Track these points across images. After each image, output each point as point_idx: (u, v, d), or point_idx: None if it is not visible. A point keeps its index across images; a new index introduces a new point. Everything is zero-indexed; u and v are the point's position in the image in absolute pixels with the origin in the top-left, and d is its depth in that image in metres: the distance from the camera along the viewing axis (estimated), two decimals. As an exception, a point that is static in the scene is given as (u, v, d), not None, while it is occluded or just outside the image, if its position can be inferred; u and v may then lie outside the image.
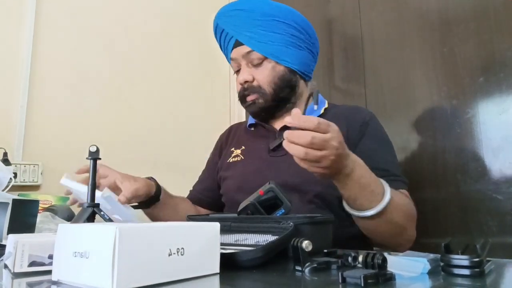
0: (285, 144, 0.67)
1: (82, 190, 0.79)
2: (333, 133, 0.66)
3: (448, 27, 1.25)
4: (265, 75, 0.99)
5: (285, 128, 0.99)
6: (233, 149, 1.09)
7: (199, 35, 1.99)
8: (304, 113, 0.97)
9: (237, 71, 1.05)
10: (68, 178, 0.83)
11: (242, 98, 1.03)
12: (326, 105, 1.05)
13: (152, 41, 1.81)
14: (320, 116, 1.01)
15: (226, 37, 1.03)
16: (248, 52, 0.99)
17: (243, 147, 1.08)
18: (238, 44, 1.00)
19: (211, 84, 2.00)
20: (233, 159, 1.07)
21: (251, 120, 1.10)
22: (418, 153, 1.27)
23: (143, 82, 1.74)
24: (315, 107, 0.90)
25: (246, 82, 1.00)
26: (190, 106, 1.87)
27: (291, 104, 1.03)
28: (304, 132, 0.65)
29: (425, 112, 1.27)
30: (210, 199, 1.14)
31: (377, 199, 0.75)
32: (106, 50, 1.66)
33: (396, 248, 0.84)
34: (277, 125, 1.05)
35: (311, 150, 0.65)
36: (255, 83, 1.00)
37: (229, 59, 1.05)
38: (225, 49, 1.06)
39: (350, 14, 1.53)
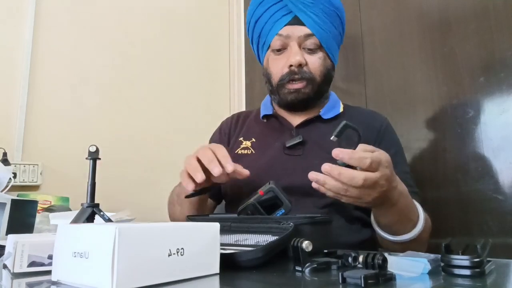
0: (323, 179, 0.62)
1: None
2: (383, 171, 0.62)
3: (449, 26, 1.25)
4: (318, 64, 0.93)
5: (303, 125, 0.96)
6: (241, 139, 1.01)
7: (199, 35, 1.99)
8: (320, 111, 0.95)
9: (279, 50, 0.95)
10: None
11: (286, 82, 0.93)
12: (341, 109, 1.00)
13: (152, 41, 1.81)
14: (337, 119, 0.97)
15: (281, 9, 0.93)
16: (308, 35, 0.92)
17: (254, 140, 1.00)
18: (296, 22, 0.92)
19: (211, 84, 2.00)
20: (242, 151, 0.99)
21: (267, 111, 1.02)
22: (419, 153, 1.27)
23: (143, 82, 1.74)
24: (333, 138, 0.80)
25: (300, 65, 0.92)
26: (190, 106, 1.87)
27: (319, 101, 0.98)
28: (357, 172, 0.60)
29: (425, 112, 1.27)
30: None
31: (413, 225, 0.74)
32: (106, 50, 1.65)
33: None
34: (295, 120, 0.99)
35: (353, 189, 0.62)
36: (306, 69, 0.92)
37: (274, 34, 0.94)
38: (273, 22, 0.94)
39: (350, 14, 1.53)
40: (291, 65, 0.92)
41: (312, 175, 0.63)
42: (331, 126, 0.83)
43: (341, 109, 1.00)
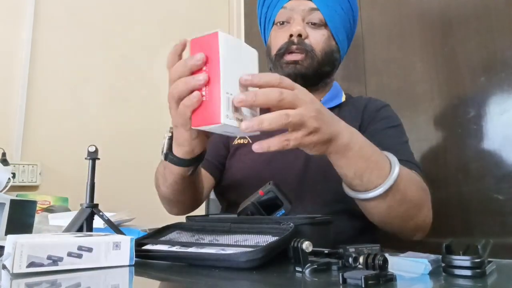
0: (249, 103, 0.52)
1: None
2: (300, 89, 0.56)
3: (449, 26, 1.25)
4: (320, 40, 0.90)
5: None
6: None
7: (199, 35, 1.98)
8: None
9: (282, 23, 0.94)
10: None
11: (284, 52, 0.90)
12: (344, 99, 0.98)
13: (152, 41, 1.81)
14: (339, 108, 0.95)
15: None
16: (312, 9, 0.90)
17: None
18: None
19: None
20: (239, 140, 0.97)
21: None
22: (419, 153, 1.27)
23: (142, 82, 1.74)
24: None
25: (299, 35, 0.89)
26: (190, 106, 1.87)
27: (320, 84, 0.95)
28: (271, 88, 0.53)
29: (426, 112, 1.27)
30: (218, 169, 0.98)
31: (385, 172, 0.64)
32: (105, 50, 1.65)
33: (413, 235, 0.75)
34: None
35: (291, 110, 0.53)
36: (307, 41, 0.89)
37: (279, 7, 0.93)
38: None
39: (350, 14, 1.53)
40: (291, 35, 0.90)
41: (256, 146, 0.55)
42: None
43: (343, 99, 0.98)
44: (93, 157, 0.72)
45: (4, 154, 1.31)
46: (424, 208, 0.74)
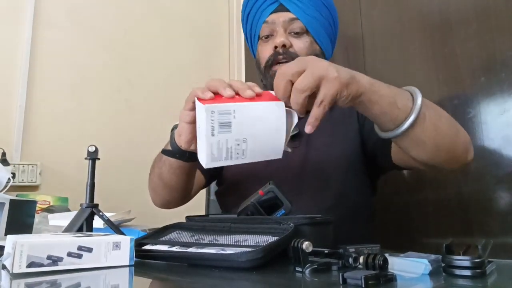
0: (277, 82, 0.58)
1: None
2: (298, 58, 0.61)
3: (449, 27, 1.25)
4: (304, 46, 0.94)
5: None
6: None
7: (199, 35, 1.98)
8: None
9: (267, 37, 0.98)
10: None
11: (272, 63, 0.94)
12: None
13: (152, 41, 1.81)
14: (332, 107, 0.97)
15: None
16: (292, 19, 0.94)
17: None
18: (281, 9, 0.96)
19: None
20: None
21: None
22: (419, 153, 1.27)
23: (143, 82, 1.74)
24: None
25: (283, 46, 0.93)
26: (190, 106, 1.87)
27: None
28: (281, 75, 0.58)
29: (426, 112, 1.27)
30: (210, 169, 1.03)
31: (410, 95, 0.68)
32: (105, 50, 1.65)
33: (466, 153, 0.77)
34: None
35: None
36: (292, 50, 0.94)
37: (261, 23, 0.98)
38: (261, 11, 0.98)
39: (351, 14, 1.53)
40: (275, 47, 0.93)
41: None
42: (329, 117, 0.82)
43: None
44: (93, 157, 0.72)
45: (4, 154, 1.31)
46: (460, 129, 0.75)
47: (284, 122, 0.57)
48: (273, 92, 0.60)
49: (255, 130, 0.56)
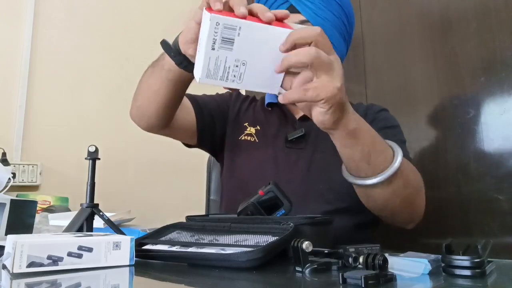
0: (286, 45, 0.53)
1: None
2: (335, 58, 0.57)
3: (449, 26, 1.25)
4: None
5: (306, 117, 0.91)
6: (246, 124, 1.00)
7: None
8: None
9: None
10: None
11: None
12: None
13: (152, 41, 1.80)
14: None
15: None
16: (303, 22, 0.91)
17: (258, 127, 0.99)
18: (292, 10, 0.91)
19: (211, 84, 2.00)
20: (246, 137, 0.98)
21: (271, 98, 1.01)
22: (419, 153, 1.27)
23: (143, 82, 1.74)
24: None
25: None
26: (190, 106, 1.87)
27: None
28: (309, 48, 0.53)
29: (426, 112, 1.27)
30: (203, 116, 0.99)
31: (390, 156, 0.65)
32: (105, 50, 1.65)
33: (409, 222, 0.78)
34: (298, 112, 0.98)
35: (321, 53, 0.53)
36: None
37: None
38: None
39: (350, 14, 1.53)
40: None
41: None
42: None
43: None
44: (93, 157, 0.72)
45: (4, 154, 1.31)
46: (421, 193, 0.76)
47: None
48: (292, 24, 0.57)
49: (257, 54, 0.53)
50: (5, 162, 1.28)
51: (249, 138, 0.98)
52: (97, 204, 0.71)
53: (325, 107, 0.56)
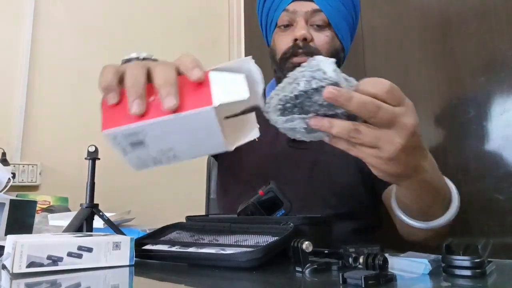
0: (328, 124, 0.46)
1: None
2: (408, 108, 0.48)
3: (449, 26, 1.25)
4: (325, 41, 0.89)
5: None
6: None
7: (199, 35, 1.98)
8: None
9: (286, 26, 0.91)
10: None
11: (289, 56, 0.88)
12: None
13: (152, 41, 1.81)
14: None
15: None
16: (315, 11, 0.88)
17: (259, 125, 0.99)
18: None
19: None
20: None
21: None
22: (419, 153, 1.27)
23: (143, 82, 1.74)
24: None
25: (304, 39, 0.87)
26: (190, 106, 1.87)
27: None
28: (368, 98, 0.46)
29: (426, 111, 1.27)
30: None
31: (446, 204, 0.64)
32: (105, 50, 1.65)
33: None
34: None
35: (367, 128, 0.45)
36: (312, 44, 0.88)
37: (281, 9, 0.91)
38: None
39: (350, 14, 1.53)
40: (295, 39, 0.87)
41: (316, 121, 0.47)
42: None
43: None
44: (93, 157, 0.72)
45: (4, 154, 1.31)
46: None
47: (216, 125, 0.45)
48: (213, 73, 0.49)
49: (179, 139, 0.46)
50: (5, 162, 1.28)
51: None
52: (97, 204, 0.71)
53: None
